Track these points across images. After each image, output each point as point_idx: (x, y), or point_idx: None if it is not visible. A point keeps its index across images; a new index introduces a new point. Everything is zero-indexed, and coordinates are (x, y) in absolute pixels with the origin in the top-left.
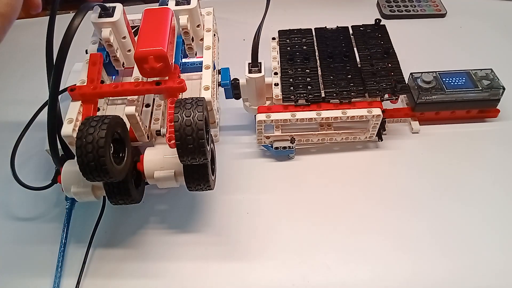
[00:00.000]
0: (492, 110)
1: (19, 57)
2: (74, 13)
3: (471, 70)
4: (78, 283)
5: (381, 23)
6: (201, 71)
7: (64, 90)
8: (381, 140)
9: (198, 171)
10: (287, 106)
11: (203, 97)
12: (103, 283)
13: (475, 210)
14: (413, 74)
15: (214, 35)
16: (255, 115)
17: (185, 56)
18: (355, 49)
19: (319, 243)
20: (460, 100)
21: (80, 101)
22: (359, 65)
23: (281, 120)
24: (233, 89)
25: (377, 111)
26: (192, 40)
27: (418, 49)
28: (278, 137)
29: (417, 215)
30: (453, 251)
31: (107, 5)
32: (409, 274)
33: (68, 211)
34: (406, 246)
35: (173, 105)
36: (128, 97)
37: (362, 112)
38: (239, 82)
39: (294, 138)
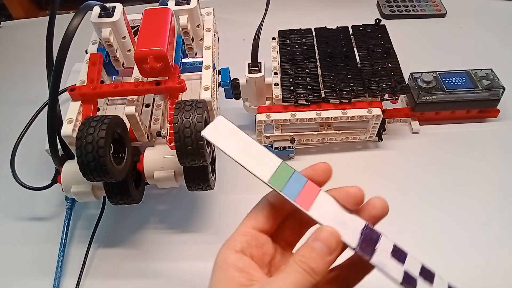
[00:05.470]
0: (492, 110)
1: (19, 57)
2: (74, 13)
3: (471, 70)
4: (78, 283)
5: (381, 23)
6: (201, 71)
7: (64, 90)
8: (381, 140)
9: (198, 171)
10: (287, 106)
11: (203, 99)
12: (103, 283)
13: (475, 210)
14: (413, 74)
15: (214, 35)
16: (255, 115)
17: (185, 56)
18: (355, 49)
19: None
20: (460, 100)
21: (80, 101)
22: (359, 65)
23: (281, 120)
24: (233, 89)
25: (377, 111)
26: (192, 40)
27: (418, 49)
28: (278, 137)
29: (417, 215)
30: (453, 250)
31: (107, 5)
32: None
33: (68, 211)
34: (406, 246)
35: (174, 106)
36: (128, 97)
37: (362, 112)
38: (239, 82)
39: (294, 138)
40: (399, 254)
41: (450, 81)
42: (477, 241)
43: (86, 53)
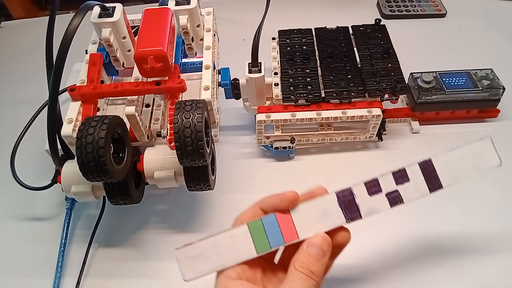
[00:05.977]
0: (492, 110)
1: (19, 57)
2: (74, 13)
3: (471, 70)
4: (78, 283)
5: (381, 23)
6: (201, 71)
7: (64, 90)
8: (381, 140)
9: (198, 171)
10: (287, 106)
11: (203, 99)
12: (103, 283)
13: (475, 210)
14: (413, 74)
15: (214, 35)
16: (255, 115)
17: (185, 56)
18: (355, 49)
19: None
20: (460, 100)
21: (80, 101)
22: (359, 65)
23: (281, 120)
24: (233, 89)
25: (377, 111)
26: (192, 40)
27: (418, 49)
28: (278, 137)
29: (416, 215)
30: (452, 250)
31: (107, 5)
32: (408, 274)
33: (68, 211)
34: (406, 245)
35: (174, 106)
36: (128, 97)
37: (362, 112)
38: (239, 82)
39: (294, 138)
40: (373, 186)
41: (450, 81)
42: (477, 240)
43: (86, 53)
